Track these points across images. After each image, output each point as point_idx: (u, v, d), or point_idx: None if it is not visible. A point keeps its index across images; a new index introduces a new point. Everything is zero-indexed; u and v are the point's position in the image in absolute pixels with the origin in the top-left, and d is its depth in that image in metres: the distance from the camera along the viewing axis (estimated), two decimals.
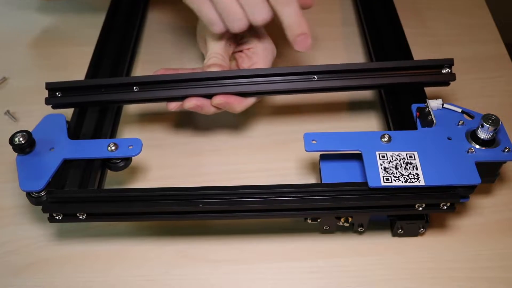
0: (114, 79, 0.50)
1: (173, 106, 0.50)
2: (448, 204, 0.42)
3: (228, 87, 0.49)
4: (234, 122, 0.58)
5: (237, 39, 0.53)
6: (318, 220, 0.45)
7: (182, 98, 0.49)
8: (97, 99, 0.50)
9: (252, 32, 0.52)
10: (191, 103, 0.49)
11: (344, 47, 0.65)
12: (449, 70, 0.49)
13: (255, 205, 0.43)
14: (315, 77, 0.48)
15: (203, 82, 0.49)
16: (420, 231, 0.47)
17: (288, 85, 0.49)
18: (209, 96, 0.49)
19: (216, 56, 0.51)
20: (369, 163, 0.42)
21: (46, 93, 0.51)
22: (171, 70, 0.52)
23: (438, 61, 0.49)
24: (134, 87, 0.49)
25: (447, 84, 0.50)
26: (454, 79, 0.49)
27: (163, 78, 0.49)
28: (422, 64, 0.49)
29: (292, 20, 0.47)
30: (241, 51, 0.54)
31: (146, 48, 0.67)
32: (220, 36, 0.51)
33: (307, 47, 0.47)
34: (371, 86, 0.50)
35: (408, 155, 0.43)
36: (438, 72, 0.49)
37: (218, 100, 0.48)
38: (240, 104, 0.49)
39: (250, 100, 0.50)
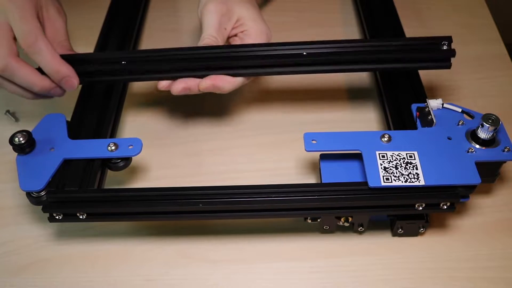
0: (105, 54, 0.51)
1: (163, 85, 0.49)
2: (448, 204, 0.42)
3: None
4: (234, 122, 0.58)
5: (232, 23, 0.52)
6: (318, 220, 0.45)
7: (169, 76, 0.49)
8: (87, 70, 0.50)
9: (247, 15, 0.52)
10: (179, 88, 0.48)
11: None
12: (448, 47, 0.47)
13: (255, 205, 0.43)
14: (305, 52, 0.48)
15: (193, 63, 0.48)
16: (420, 231, 0.47)
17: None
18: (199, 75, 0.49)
19: (209, 37, 0.51)
20: (369, 163, 0.42)
21: None
22: None
23: (435, 39, 0.48)
24: (122, 61, 0.49)
25: (447, 61, 0.48)
26: (453, 55, 0.48)
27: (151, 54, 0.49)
28: (418, 42, 0.48)
29: (49, 68, 0.47)
30: (235, 35, 0.53)
31: (146, 47, 0.66)
32: (214, 18, 0.51)
33: (73, 86, 0.48)
34: (366, 68, 0.49)
35: (408, 155, 0.43)
36: (437, 49, 0.48)
37: (205, 84, 0.48)
38: (229, 84, 0.49)
39: (239, 80, 0.50)
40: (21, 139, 0.44)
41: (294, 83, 0.61)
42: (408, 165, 0.42)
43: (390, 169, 0.42)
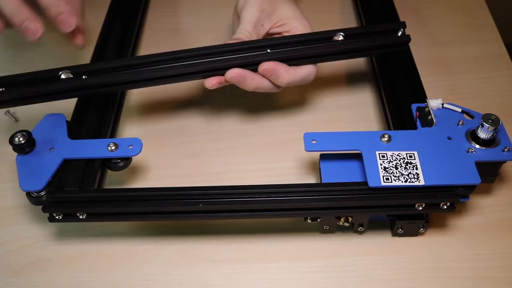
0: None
1: (213, 83, 0.48)
2: (448, 204, 0.42)
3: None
4: (234, 122, 0.58)
5: (273, 21, 0.52)
6: (318, 220, 0.45)
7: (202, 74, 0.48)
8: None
9: (291, 14, 0.52)
10: (232, 74, 0.47)
11: None
12: (403, 32, 0.50)
13: (255, 205, 0.43)
14: (268, 50, 0.48)
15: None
16: (420, 230, 0.47)
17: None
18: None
19: (243, 32, 0.50)
20: (369, 162, 0.42)
21: None
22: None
23: (392, 25, 0.51)
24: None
25: (403, 45, 0.51)
26: (408, 40, 0.50)
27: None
28: (375, 29, 0.50)
29: (48, 2, 0.45)
30: (279, 33, 0.53)
31: (146, 47, 0.67)
32: (254, 13, 0.51)
33: (71, 25, 0.46)
34: (330, 54, 0.50)
35: (408, 154, 0.43)
36: (394, 36, 0.50)
37: (266, 65, 0.47)
38: (288, 76, 0.48)
39: (297, 75, 0.49)
40: (21, 139, 0.44)
41: None
42: (408, 165, 0.42)
43: (390, 169, 0.42)
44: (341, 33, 0.49)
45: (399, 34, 0.50)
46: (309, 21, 0.53)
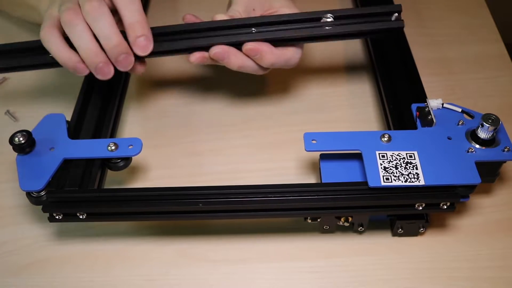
0: None
1: (196, 57, 0.47)
2: (448, 204, 0.42)
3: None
4: (234, 122, 0.58)
5: (264, 7, 0.52)
6: (318, 220, 0.45)
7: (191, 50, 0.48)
8: None
9: (281, 3, 0.51)
10: (216, 49, 0.46)
11: (344, 47, 0.65)
12: (397, 17, 0.48)
13: (255, 205, 0.43)
14: (254, 29, 0.47)
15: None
16: (420, 230, 0.47)
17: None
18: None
19: (234, 12, 0.50)
20: (369, 162, 0.42)
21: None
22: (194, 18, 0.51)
23: (386, 8, 0.48)
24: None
25: (397, 31, 0.49)
26: (402, 26, 0.48)
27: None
28: (367, 12, 0.48)
29: (134, 19, 0.44)
30: None
31: None
32: None
33: (147, 50, 0.45)
34: (323, 36, 0.48)
35: (408, 154, 0.43)
36: (387, 21, 0.48)
37: (250, 45, 0.46)
38: (272, 56, 0.47)
39: (282, 57, 0.48)
40: (21, 139, 0.44)
41: (293, 82, 0.61)
42: (408, 165, 0.42)
43: (390, 169, 0.42)
44: (330, 14, 0.47)
45: (393, 19, 0.48)
46: (299, 11, 0.52)
